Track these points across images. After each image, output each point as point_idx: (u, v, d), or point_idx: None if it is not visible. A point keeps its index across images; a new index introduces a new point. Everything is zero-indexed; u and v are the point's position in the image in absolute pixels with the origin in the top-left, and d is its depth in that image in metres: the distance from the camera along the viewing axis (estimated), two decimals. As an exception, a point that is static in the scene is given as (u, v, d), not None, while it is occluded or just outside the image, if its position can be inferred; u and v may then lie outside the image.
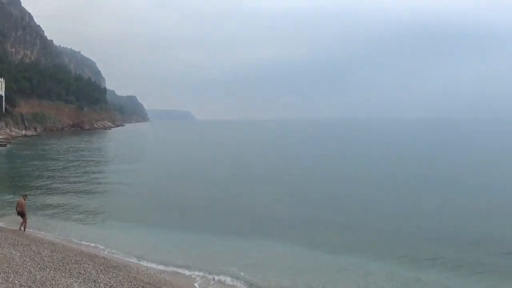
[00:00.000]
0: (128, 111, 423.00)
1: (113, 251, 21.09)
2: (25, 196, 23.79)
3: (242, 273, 17.89)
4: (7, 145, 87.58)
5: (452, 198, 33.23)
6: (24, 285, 13.37)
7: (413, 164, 55.87)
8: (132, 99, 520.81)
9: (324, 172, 49.69)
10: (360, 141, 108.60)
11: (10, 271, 14.58)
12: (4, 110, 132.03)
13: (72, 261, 17.08)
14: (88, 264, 16.85)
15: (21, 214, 23.16)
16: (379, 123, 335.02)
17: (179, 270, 18.46)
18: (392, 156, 67.65)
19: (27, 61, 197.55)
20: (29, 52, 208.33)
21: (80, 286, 14.14)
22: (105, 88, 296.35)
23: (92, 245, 21.97)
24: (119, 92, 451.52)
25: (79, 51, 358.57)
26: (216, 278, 17.55)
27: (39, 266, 15.81)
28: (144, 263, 19.22)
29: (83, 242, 22.36)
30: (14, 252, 17.43)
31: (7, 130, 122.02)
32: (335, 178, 44.96)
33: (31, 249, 18.55)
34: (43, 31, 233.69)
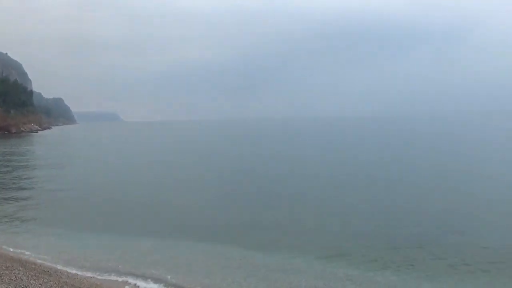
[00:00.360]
0: (55, 113, 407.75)
1: (41, 256, 20.77)
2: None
3: (169, 276, 18.03)
4: None
5: (376, 195, 34.20)
6: (-45, 293, 13.26)
7: (339, 162, 56.80)
8: (58, 101, 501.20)
9: (251, 173, 49.62)
10: (291, 140, 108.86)
11: None
12: None
13: (3, 267, 16.80)
14: (19, 270, 16.63)
15: None
16: (307, 122, 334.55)
17: (109, 274, 18.49)
18: (317, 154, 68.57)
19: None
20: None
21: (12, 292, 14.16)
22: (31, 91, 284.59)
23: (19, 251, 21.50)
24: (45, 95, 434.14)
25: (6, 53, 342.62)
26: (146, 281, 17.69)
27: (-31, 273, 15.55)
28: (73, 268, 19.04)
29: (11, 249, 21.85)
30: None
31: None
32: (261, 178, 45.16)
33: (-41, 256, 18.16)
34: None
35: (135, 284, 17.53)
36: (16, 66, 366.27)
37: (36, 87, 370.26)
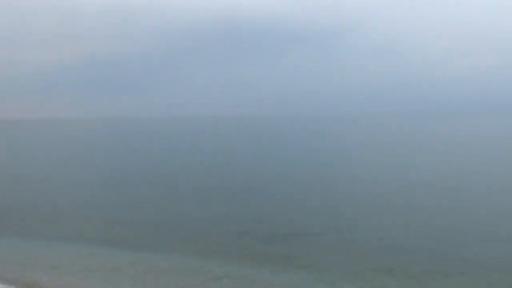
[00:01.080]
0: None
1: None
2: None
3: (45, 279, 17.15)
4: None
5: (251, 194, 34.45)
6: None
7: (219, 163, 56.84)
8: None
9: (124, 172, 49.16)
10: (173, 141, 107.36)
11: None
12: None
13: None
14: None
15: None
16: (191, 121, 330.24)
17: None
18: (200, 156, 67.77)
19: None
20: None
21: None
22: None
23: None
24: None
25: None
26: (21, 284, 16.64)
27: None
28: None
29: None
30: None
31: None
32: (134, 177, 44.81)
33: None
34: None
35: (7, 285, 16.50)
36: None
37: None
